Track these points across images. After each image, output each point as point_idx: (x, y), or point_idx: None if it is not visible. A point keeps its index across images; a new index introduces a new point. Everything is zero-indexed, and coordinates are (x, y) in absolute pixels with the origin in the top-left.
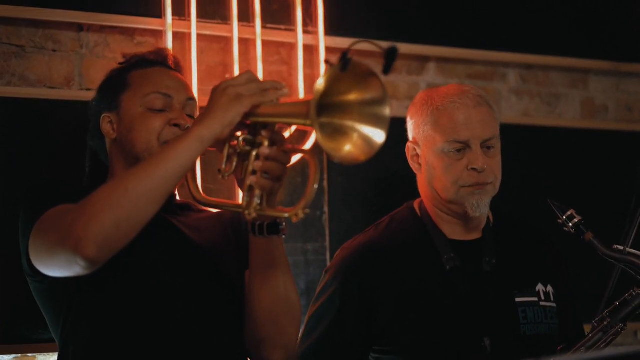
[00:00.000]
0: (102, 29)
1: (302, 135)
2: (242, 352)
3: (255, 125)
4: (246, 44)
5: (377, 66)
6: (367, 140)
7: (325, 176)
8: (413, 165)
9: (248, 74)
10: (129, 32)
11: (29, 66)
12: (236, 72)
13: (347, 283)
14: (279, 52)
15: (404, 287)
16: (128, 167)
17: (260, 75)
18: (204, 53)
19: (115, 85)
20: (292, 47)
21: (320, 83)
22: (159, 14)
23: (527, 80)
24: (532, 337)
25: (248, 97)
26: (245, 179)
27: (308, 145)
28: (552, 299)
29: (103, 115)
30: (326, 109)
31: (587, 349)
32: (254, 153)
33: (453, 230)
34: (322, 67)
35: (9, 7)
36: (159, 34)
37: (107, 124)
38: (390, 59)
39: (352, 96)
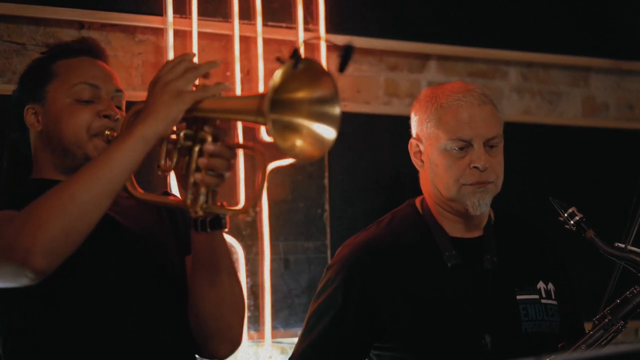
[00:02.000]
0: (102, 26)
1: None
2: (190, 345)
3: (195, 119)
4: (247, 42)
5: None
6: (317, 138)
7: (326, 174)
8: (415, 162)
9: (185, 62)
10: (130, 30)
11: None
12: (237, 71)
13: (349, 280)
14: (280, 50)
15: (405, 285)
16: (54, 159)
17: (261, 73)
18: (205, 51)
19: (39, 76)
20: (294, 45)
21: (274, 80)
22: (160, 11)
23: (528, 78)
24: (533, 334)
25: (190, 93)
26: (189, 176)
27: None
28: (553, 297)
29: (27, 106)
30: (276, 105)
31: (588, 347)
32: (197, 149)
33: (454, 228)
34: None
35: (10, 4)
36: (159, 32)
37: (31, 116)
38: (346, 56)
39: (302, 94)
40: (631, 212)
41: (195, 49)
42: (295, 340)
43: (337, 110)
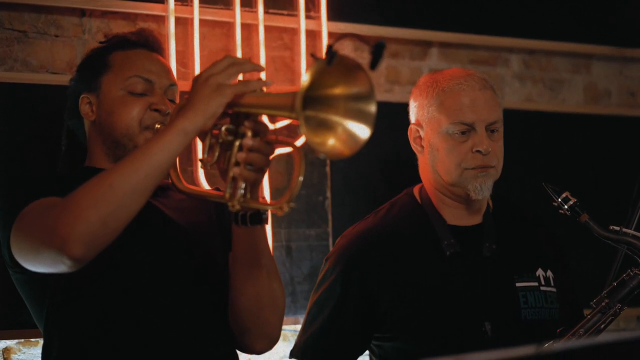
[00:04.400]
0: (104, 14)
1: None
2: (230, 339)
3: (237, 114)
4: (249, 29)
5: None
6: (351, 136)
7: (328, 161)
8: (415, 148)
9: (228, 59)
10: (131, 18)
11: (31, 51)
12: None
13: (348, 270)
14: (282, 38)
15: (404, 274)
16: (106, 150)
17: (262, 61)
18: (207, 38)
19: (95, 66)
20: (295, 32)
21: (306, 76)
22: None
23: (530, 65)
24: (532, 321)
25: (230, 87)
26: (229, 170)
27: (300, 141)
28: (552, 284)
29: (82, 95)
30: (312, 102)
31: (586, 331)
32: (237, 144)
33: (454, 215)
34: (304, 61)
35: None
36: (161, 19)
37: (85, 105)
38: (377, 54)
39: (338, 90)
40: (633, 199)
41: (196, 36)
42: (297, 327)
43: (373, 108)
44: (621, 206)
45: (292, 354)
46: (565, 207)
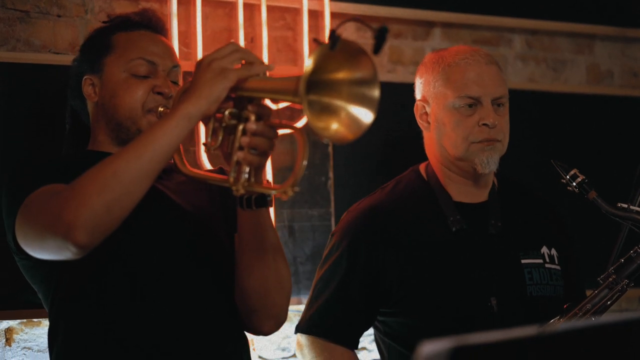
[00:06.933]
0: None
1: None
2: (237, 322)
3: (241, 98)
4: (251, 9)
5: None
6: (354, 120)
7: (330, 143)
8: (421, 124)
9: (232, 45)
10: None
11: (33, 31)
12: (241, 38)
13: (354, 245)
14: (284, 17)
15: (410, 249)
16: (109, 132)
17: (265, 41)
18: (209, 18)
19: (98, 47)
20: (297, 12)
21: (309, 60)
22: None
23: (532, 45)
24: (537, 297)
25: (234, 71)
26: (232, 154)
27: (300, 124)
28: (556, 262)
29: (85, 77)
30: (315, 86)
31: (593, 306)
32: (241, 128)
33: (460, 192)
34: (307, 46)
35: None
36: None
37: (88, 87)
38: (380, 38)
39: (342, 75)
40: (636, 178)
41: (199, 16)
42: (300, 307)
43: (376, 92)
44: (623, 186)
45: (297, 329)
46: (574, 184)
